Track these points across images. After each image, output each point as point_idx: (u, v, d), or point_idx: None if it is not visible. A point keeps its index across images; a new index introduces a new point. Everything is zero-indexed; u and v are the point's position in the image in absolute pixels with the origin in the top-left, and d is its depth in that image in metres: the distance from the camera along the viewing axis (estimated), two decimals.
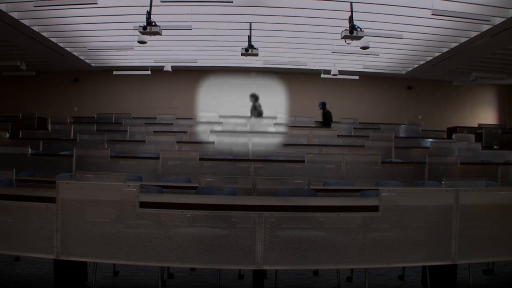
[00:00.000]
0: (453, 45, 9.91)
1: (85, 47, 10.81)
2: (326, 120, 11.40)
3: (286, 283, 3.69)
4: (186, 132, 8.98)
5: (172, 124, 10.71)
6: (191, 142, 8.16)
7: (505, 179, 6.23)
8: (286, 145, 7.65)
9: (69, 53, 11.39)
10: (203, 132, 8.73)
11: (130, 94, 13.90)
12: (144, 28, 7.03)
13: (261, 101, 11.38)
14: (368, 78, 13.44)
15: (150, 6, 7.15)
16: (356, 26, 7.13)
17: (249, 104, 11.40)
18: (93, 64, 12.84)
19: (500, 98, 14.88)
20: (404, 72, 13.01)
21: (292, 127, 10.23)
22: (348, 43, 7.63)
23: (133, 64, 12.35)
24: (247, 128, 10.02)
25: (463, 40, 9.48)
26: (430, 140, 9.15)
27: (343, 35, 7.24)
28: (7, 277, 3.62)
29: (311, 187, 4.21)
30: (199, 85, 13.80)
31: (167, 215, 2.95)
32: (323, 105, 11.63)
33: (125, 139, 8.82)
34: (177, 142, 7.57)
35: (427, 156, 6.47)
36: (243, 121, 10.67)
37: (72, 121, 11.16)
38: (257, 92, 11.33)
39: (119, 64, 12.47)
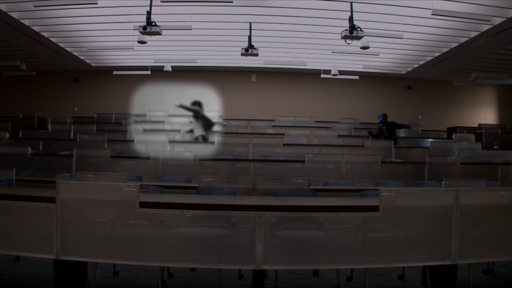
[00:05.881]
0: (453, 45, 9.92)
1: (85, 47, 10.82)
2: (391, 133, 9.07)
3: (286, 283, 3.69)
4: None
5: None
6: (190, 142, 8.15)
7: (505, 179, 6.23)
8: (286, 145, 7.65)
9: (69, 53, 11.39)
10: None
11: (130, 94, 13.89)
12: (144, 28, 7.03)
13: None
14: (368, 78, 13.45)
15: (150, 6, 7.15)
16: (356, 26, 7.13)
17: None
18: (93, 64, 12.84)
19: (500, 98, 14.88)
20: (404, 72, 13.02)
21: (292, 127, 10.24)
22: (348, 43, 7.64)
23: (133, 64, 12.36)
24: (248, 130, 10.07)
25: (463, 40, 9.48)
26: (430, 140, 9.16)
27: (343, 35, 7.25)
28: (7, 277, 3.62)
29: (311, 187, 4.21)
30: (199, 85, 13.82)
31: (167, 215, 2.95)
32: (384, 117, 9.35)
33: (125, 139, 8.81)
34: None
35: (427, 156, 6.47)
36: (244, 123, 10.70)
37: (72, 121, 11.17)
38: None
39: (119, 64, 12.47)
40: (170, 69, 11.34)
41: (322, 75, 11.98)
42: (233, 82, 13.83)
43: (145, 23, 7.05)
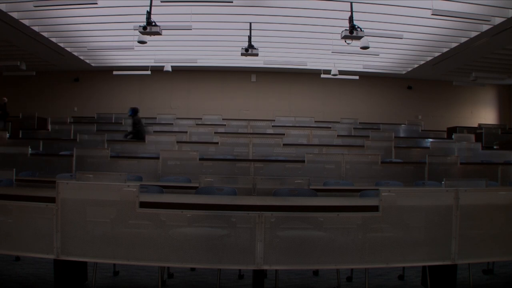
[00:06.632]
0: (453, 45, 9.92)
1: (85, 47, 10.82)
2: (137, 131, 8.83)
3: (286, 283, 3.69)
4: (186, 132, 8.99)
5: (172, 124, 10.73)
6: (191, 142, 8.16)
7: (505, 179, 6.24)
8: (286, 145, 7.65)
9: (69, 53, 11.39)
10: (207, 133, 8.74)
11: (130, 94, 13.90)
12: (144, 28, 7.03)
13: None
14: (368, 78, 13.46)
15: (150, 6, 7.15)
16: (356, 26, 7.13)
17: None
18: (93, 64, 12.84)
19: (500, 98, 14.89)
20: (404, 72, 13.02)
21: (292, 127, 10.24)
22: (348, 43, 7.64)
23: (133, 64, 12.36)
24: (248, 130, 10.08)
25: (463, 40, 9.48)
26: (430, 140, 9.17)
27: (343, 35, 7.25)
28: (7, 277, 3.62)
29: (311, 187, 4.21)
30: (199, 85, 13.83)
31: (167, 215, 2.95)
32: (133, 111, 9.13)
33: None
34: (177, 142, 7.58)
35: (427, 156, 6.48)
36: (244, 123, 10.72)
37: (72, 121, 11.17)
38: None
39: (119, 64, 12.48)
40: (170, 69, 11.35)
41: (322, 75, 11.99)
42: (233, 82, 13.84)
43: (145, 23, 7.05)
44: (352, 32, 7.11)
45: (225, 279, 3.69)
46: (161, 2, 7.16)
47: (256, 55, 8.71)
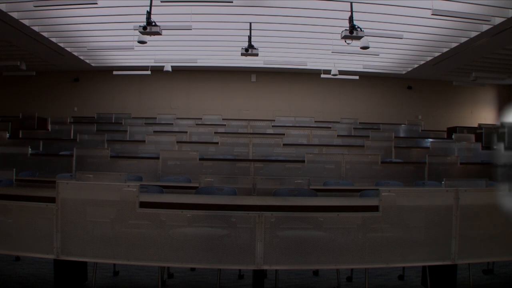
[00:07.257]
0: (453, 45, 9.91)
1: (85, 47, 10.81)
2: None
3: (286, 283, 3.69)
4: (186, 132, 8.99)
5: (172, 124, 10.73)
6: (191, 142, 8.16)
7: None
8: (286, 145, 7.65)
9: (69, 53, 11.39)
10: (207, 133, 8.73)
11: (130, 94, 13.90)
12: (144, 28, 7.03)
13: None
14: (368, 78, 13.45)
15: (150, 6, 7.14)
16: (356, 26, 7.13)
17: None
18: (93, 64, 12.83)
19: (500, 98, 14.87)
20: (404, 72, 13.01)
21: (292, 127, 10.24)
22: (348, 43, 7.63)
23: (133, 64, 12.35)
24: (248, 130, 10.09)
25: (463, 40, 9.47)
26: (430, 140, 9.16)
27: (343, 35, 7.24)
28: (7, 277, 3.62)
29: (311, 187, 4.21)
30: (199, 85, 13.83)
31: (167, 215, 2.95)
32: None
33: (125, 139, 8.82)
34: (177, 142, 7.58)
35: (427, 156, 6.48)
36: (244, 123, 10.73)
37: (72, 121, 11.17)
38: None
39: (119, 64, 12.47)
40: (170, 69, 11.34)
41: (322, 75, 11.98)
42: (233, 82, 13.83)
43: (145, 23, 7.05)
44: (352, 32, 7.11)
45: (225, 279, 3.69)
46: (161, 2, 7.15)
47: (256, 55, 8.70)
